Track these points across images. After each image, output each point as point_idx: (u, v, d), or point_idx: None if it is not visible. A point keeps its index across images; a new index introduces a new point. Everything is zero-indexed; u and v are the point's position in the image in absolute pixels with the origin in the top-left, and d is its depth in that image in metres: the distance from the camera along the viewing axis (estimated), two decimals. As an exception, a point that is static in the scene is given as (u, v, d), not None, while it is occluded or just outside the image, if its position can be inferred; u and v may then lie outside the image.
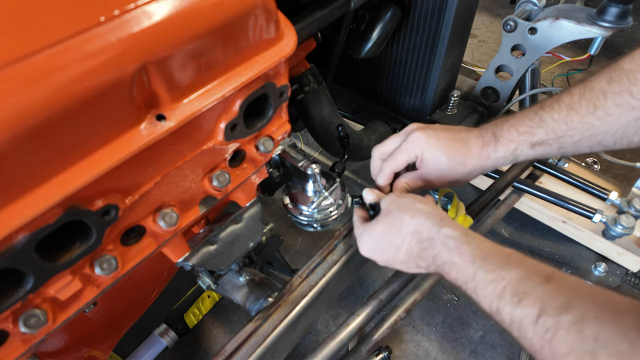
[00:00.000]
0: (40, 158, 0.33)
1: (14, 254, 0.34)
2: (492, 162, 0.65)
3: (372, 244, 0.63)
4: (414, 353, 1.23)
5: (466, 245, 0.52)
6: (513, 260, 0.48)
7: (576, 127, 0.58)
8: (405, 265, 0.60)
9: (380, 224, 0.62)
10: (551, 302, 0.42)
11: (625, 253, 1.27)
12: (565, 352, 0.39)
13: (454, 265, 0.52)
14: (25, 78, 0.30)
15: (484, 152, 0.65)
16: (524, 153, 0.63)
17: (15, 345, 0.41)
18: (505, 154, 0.64)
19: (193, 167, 0.49)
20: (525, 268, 0.46)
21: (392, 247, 0.60)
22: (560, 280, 0.44)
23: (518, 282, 0.45)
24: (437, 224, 0.56)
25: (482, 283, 0.48)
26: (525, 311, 0.43)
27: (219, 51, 0.42)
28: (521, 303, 0.43)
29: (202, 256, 0.59)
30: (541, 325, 0.41)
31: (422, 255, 0.57)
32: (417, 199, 0.62)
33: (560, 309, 0.41)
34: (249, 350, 0.65)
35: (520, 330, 0.43)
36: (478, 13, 2.50)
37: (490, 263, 0.49)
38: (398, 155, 0.69)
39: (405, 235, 0.58)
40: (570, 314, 0.40)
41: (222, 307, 1.35)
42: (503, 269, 0.47)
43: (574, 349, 0.38)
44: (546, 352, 0.40)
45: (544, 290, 0.43)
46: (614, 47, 2.21)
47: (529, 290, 0.44)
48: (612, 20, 0.82)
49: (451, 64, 0.99)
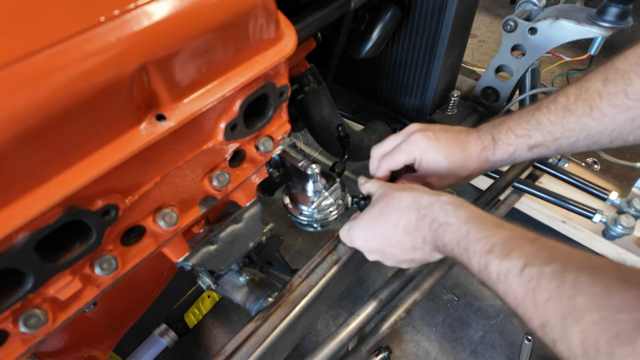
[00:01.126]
0: (40, 158, 0.33)
1: (14, 254, 0.34)
2: (490, 165, 0.67)
3: (365, 229, 0.63)
4: (414, 353, 1.23)
5: (463, 209, 0.55)
6: (504, 225, 0.51)
7: (573, 129, 0.59)
8: (400, 247, 0.60)
9: (374, 207, 0.62)
10: (536, 255, 0.44)
11: (625, 253, 1.27)
12: (546, 298, 0.41)
13: (449, 226, 0.54)
14: (25, 78, 0.30)
15: (483, 156, 0.66)
16: (522, 155, 0.64)
17: (15, 345, 0.41)
18: (503, 157, 0.65)
19: (193, 167, 0.49)
20: (515, 231, 0.49)
21: (388, 224, 0.60)
22: (547, 241, 0.46)
23: (507, 239, 0.48)
24: (435, 194, 0.58)
25: (474, 240, 0.50)
26: (511, 263, 0.45)
27: (219, 51, 0.42)
28: (508, 256, 0.46)
29: (202, 256, 0.59)
30: (525, 275, 0.43)
31: (419, 226, 0.57)
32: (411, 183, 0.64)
33: (544, 261, 0.43)
34: (249, 350, 0.65)
35: (505, 282, 0.45)
36: (478, 13, 2.50)
37: (483, 223, 0.52)
38: (397, 154, 0.69)
39: (404, 207, 0.59)
40: (552, 264, 0.42)
41: (222, 307, 1.35)
42: (494, 229, 0.50)
43: (554, 294, 0.40)
44: (529, 300, 0.42)
45: (531, 246, 0.46)
46: (614, 47, 2.21)
47: (517, 246, 0.46)
48: (612, 20, 0.82)
49: (451, 64, 0.99)
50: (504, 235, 0.48)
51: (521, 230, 0.49)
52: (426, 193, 0.59)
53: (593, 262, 0.41)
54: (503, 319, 1.29)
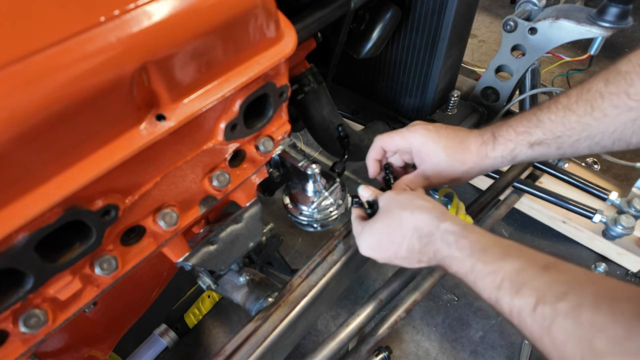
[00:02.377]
0: (40, 158, 0.33)
1: (14, 254, 0.34)
2: (490, 162, 0.66)
3: (372, 242, 0.63)
4: (414, 353, 1.23)
5: (465, 239, 0.53)
6: (511, 252, 0.49)
7: (573, 128, 0.59)
8: (407, 261, 0.60)
9: (379, 222, 0.62)
10: (549, 290, 0.42)
11: (625, 253, 1.27)
12: (563, 340, 0.39)
13: (454, 259, 0.53)
14: (25, 78, 0.30)
15: (483, 151, 0.66)
16: (522, 153, 0.63)
17: (15, 345, 0.41)
18: (503, 154, 0.64)
19: (193, 167, 0.49)
20: (523, 259, 0.47)
21: (393, 244, 0.60)
22: (559, 269, 0.44)
23: (516, 273, 0.46)
24: (436, 219, 0.56)
25: (481, 275, 0.48)
26: (523, 301, 0.43)
27: (219, 51, 0.42)
28: (519, 293, 0.44)
29: (202, 256, 0.59)
30: (539, 314, 0.41)
31: (423, 251, 0.57)
32: (416, 195, 0.63)
33: (558, 297, 0.41)
34: (249, 350, 0.65)
35: (519, 319, 0.44)
36: (478, 13, 2.50)
37: (488, 255, 0.49)
38: (394, 134, 0.69)
39: (406, 231, 0.58)
40: (567, 301, 0.40)
41: (222, 307, 1.34)
42: (501, 261, 0.48)
43: (571, 335, 0.38)
44: (546, 340, 0.41)
45: (542, 279, 0.43)
46: (614, 47, 2.21)
47: (527, 281, 0.44)
48: (612, 20, 0.82)
49: (451, 64, 0.99)
50: (511, 267, 0.46)
51: (530, 256, 0.47)
52: (427, 216, 0.57)
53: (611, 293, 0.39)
54: (503, 319, 1.28)
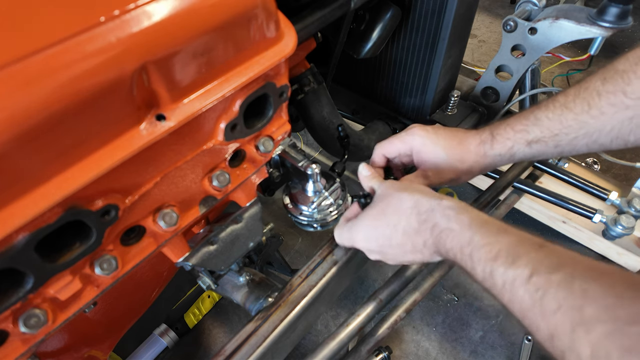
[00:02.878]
0: (41, 158, 0.33)
1: (14, 254, 0.34)
2: (489, 160, 0.66)
3: (366, 229, 0.62)
4: (414, 353, 1.23)
5: (465, 214, 0.53)
6: (509, 229, 0.50)
7: (571, 125, 0.59)
8: (401, 249, 0.59)
9: (375, 207, 0.62)
10: (543, 263, 0.43)
11: (625, 253, 1.27)
12: (554, 308, 0.39)
13: (451, 232, 0.53)
14: (25, 78, 0.30)
15: (481, 149, 0.66)
16: (520, 151, 0.64)
17: (15, 345, 0.41)
18: (502, 152, 0.65)
19: (193, 167, 0.49)
20: (520, 236, 0.48)
21: (389, 226, 0.59)
22: (553, 247, 0.45)
23: (512, 245, 0.46)
24: (437, 197, 0.57)
25: (478, 246, 0.49)
26: (518, 271, 0.44)
27: (219, 51, 0.42)
28: (514, 264, 0.44)
29: (202, 256, 0.59)
30: (533, 284, 0.42)
31: (420, 230, 0.56)
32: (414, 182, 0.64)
33: (552, 269, 0.42)
34: (249, 350, 0.65)
35: (512, 291, 0.44)
36: (478, 13, 2.50)
37: (487, 229, 0.50)
38: (394, 139, 0.70)
39: (404, 210, 0.58)
40: (560, 272, 0.41)
41: (222, 307, 1.34)
42: (499, 235, 0.49)
43: (563, 304, 0.39)
44: (536, 310, 0.41)
45: (537, 253, 0.44)
46: (614, 47, 2.21)
47: (523, 253, 0.45)
48: (612, 20, 0.82)
49: (451, 64, 0.99)
50: (509, 241, 0.47)
51: (527, 235, 0.48)
52: (427, 195, 0.58)
53: (602, 269, 0.40)
54: (503, 319, 1.29)
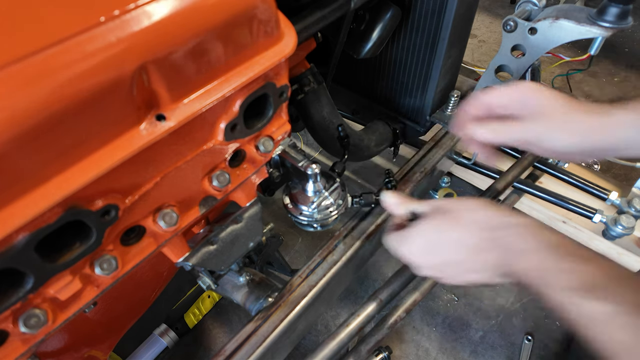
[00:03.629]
0: (41, 158, 0.33)
1: (14, 254, 0.34)
2: (622, 130, 0.53)
3: (421, 246, 0.56)
4: (414, 353, 1.23)
5: (541, 235, 0.49)
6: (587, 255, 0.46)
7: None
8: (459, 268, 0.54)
9: (430, 221, 0.56)
10: (636, 297, 0.40)
11: (625, 253, 1.27)
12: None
13: (524, 254, 0.49)
14: (25, 78, 0.30)
15: (612, 110, 0.54)
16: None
17: (15, 345, 0.41)
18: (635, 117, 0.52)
19: (193, 167, 0.49)
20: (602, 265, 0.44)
21: (449, 242, 0.54)
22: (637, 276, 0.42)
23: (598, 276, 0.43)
24: (503, 213, 0.52)
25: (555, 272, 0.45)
26: (608, 307, 0.40)
27: (219, 51, 0.42)
28: (604, 299, 0.41)
29: (202, 256, 0.59)
30: (631, 323, 0.39)
31: (484, 248, 0.52)
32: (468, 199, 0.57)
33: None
34: (249, 350, 0.65)
35: (602, 328, 0.41)
36: (478, 13, 2.50)
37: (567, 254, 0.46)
38: (501, 86, 0.58)
39: (468, 224, 0.53)
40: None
41: (222, 307, 1.34)
42: (582, 263, 0.45)
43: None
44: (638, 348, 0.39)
45: (627, 287, 0.41)
46: (614, 47, 2.21)
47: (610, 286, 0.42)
48: (612, 20, 0.82)
49: (451, 64, 0.99)
50: (592, 271, 0.44)
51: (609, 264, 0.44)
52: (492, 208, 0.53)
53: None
54: (503, 319, 1.29)
